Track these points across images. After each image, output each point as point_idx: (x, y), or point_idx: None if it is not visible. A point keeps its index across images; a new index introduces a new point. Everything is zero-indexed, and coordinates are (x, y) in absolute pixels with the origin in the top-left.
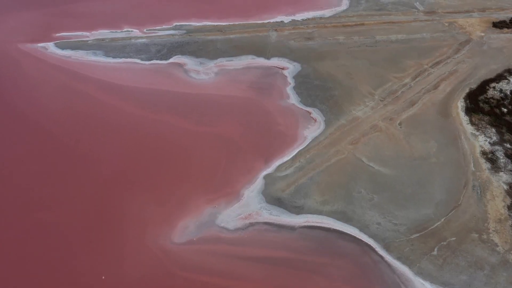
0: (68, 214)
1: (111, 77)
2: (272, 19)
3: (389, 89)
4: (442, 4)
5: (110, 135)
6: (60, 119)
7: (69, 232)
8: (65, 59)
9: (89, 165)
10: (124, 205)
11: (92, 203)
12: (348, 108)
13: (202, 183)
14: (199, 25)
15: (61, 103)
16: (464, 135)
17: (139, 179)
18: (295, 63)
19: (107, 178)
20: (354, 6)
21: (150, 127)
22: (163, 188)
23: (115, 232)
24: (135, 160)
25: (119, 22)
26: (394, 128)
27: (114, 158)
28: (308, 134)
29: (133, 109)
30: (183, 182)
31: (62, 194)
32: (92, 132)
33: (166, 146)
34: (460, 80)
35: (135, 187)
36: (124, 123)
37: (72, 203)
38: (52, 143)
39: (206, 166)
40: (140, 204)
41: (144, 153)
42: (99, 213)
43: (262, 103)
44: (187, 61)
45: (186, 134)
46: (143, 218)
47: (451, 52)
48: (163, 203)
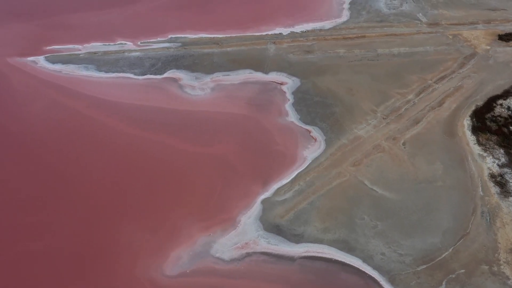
0: (56, 243)
1: (103, 93)
2: (271, 31)
3: (392, 106)
4: (446, 15)
5: (100, 156)
6: (48, 139)
7: (57, 263)
8: (55, 74)
9: (78, 189)
10: (115, 233)
11: (82, 231)
12: (349, 126)
13: (196, 208)
14: (195, 37)
15: (49, 122)
16: (471, 156)
17: (130, 204)
18: (294, 78)
19: (97, 203)
20: (355, 17)
21: (143, 147)
22: (156, 214)
23: (105, 262)
24: (126, 183)
25: (112, 34)
26: (398, 148)
27: (105, 181)
28: (308, 154)
29: (125, 127)
30: (177, 207)
31: (50, 221)
32: (81, 153)
33: (159, 167)
34: (465, 97)
35: (126, 212)
36: (116, 143)
37: (61, 231)
38: (39, 165)
39: (201, 190)
40: (131, 231)
41: (136, 175)
42: (89, 242)
43: (260, 121)
44: (182, 75)
45: (180, 154)
46: (134, 247)
47: (456, 66)
48: (155, 230)
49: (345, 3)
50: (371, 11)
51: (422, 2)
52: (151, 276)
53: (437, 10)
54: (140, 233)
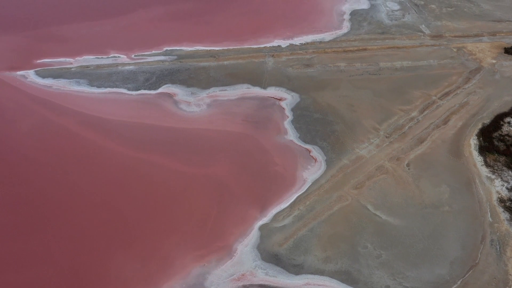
0: (42, 274)
1: (95, 110)
2: (269, 44)
3: (395, 123)
4: (450, 27)
5: (90, 178)
6: (36, 160)
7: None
8: (45, 90)
9: (66, 213)
10: (103, 262)
11: (69, 260)
12: (351, 145)
13: (190, 235)
14: (191, 50)
15: (38, 141)
16: (479, 179)
17: (121, 230)
18: (293, 94)
19: (85, 229)
20: (356, 29)
21: (135, 168)
22: (147, 241)
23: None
24: (117, 208)
25: (105, 47)
26: (402, 169)
27: (94, 206)
28: (308, 176)
29: (117, 147)
30: (170, 234)
31: (36, 249)
32: (70, 175)
33: (152, 190)
34: (471, 114)
35: (116, 239)
36: (107, 164)
37: (47, 260)
38: (26, 187)
39: (195, 215)
40: (120, 260)
41: (127, 199)
42: (76, 272)
43: (258, 139)
44: (178, 91)
45: (174, 176)
46: (123, 278)
47: (461, 81)
48: (146, 259)
49: (345, 14)
50: (373, 22)
51: (425, 13)
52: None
53: (440, 22)
54: (130, 263)
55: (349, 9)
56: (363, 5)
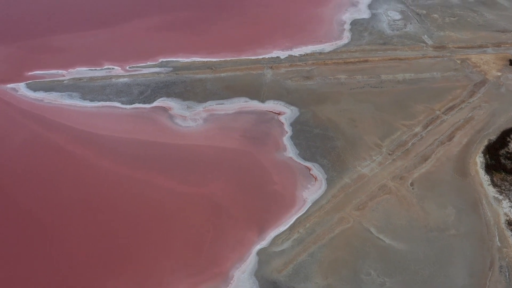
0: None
1: (87, 125)
2: (267, 55)
3: (397, 139)
4: (453, 37)
5: (80, 199)
6: (26, 179)
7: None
8: (36, 103)
9: (53, 236)
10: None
11: (55, 286)
12: (352, 163)
13: (184, 260)
14: (187, 61)
15: (28, 159)
16: (486, 200)
17: (112, 254)
18: (292, 107)
19: (74, 254)
20: (357, 39)
21: (127, 187)
22: (139, 267)
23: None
24: (108, 229)
25: (99, 58)
26: (406, 189)
27: (84, 228)
28: (308, 196)
29: (109, 165)
30: (163, 259)
31: (24, 276)
32: (61, 195)
33: (145, 211)
34: (477, 130)
35: (106, 265)
36: (98, 182)
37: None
38: (14, 209)
39: (190, 238)
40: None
41: (119, 220)
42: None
43: (256, 156)
44: (173, 104)
45: (168, 196)
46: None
47: (466, 95)
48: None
49: (346, 23)
50: (374, 32)
51: (427, 23)
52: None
53: (443, 32)
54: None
55: (349, 18)
56: (364, 14)
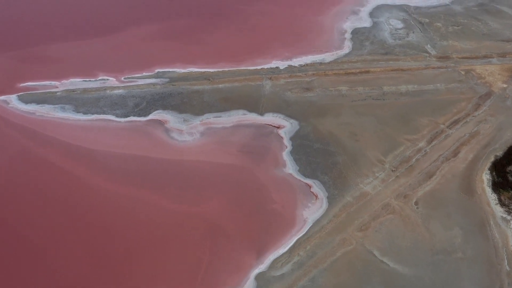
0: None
1: (80, 139)
2: (266, 65)
3: (401, 155)
4: (457, 47)
5: (71, 219)
6: (13, 197)
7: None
8: (28, 116)
9: (43, 259)
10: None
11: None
12: (354, 180)
13: (179, 286)
14: (184, 71)
15: (18, 176)
16: (494, 220)
17: (104, 277)
18: (292, 121)
19: (64, 277)
20: (358, 49)
21: (121, 206)
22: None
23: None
24: (100, 251)
25: (93, 69)
26: (410, 208)
27: (75, 249)
28: (309, 215)
29: (102, 181)
30: (156, 285)
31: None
32: (49, 214)
33: (138, 232)
34: (483, 145)
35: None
36: (90, 201)
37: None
38: (1, 229)
39: (185, 260)
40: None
41: (112, 241)
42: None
43: (255, 173)
44: (169, 117)
45: (163, 215)
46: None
47: (470, 108)
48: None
49: (347, 32)
50: (375, 41)
51: (430, 32)
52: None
53: (446, 41)
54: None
55: (350, 27)
56: (365, 23)
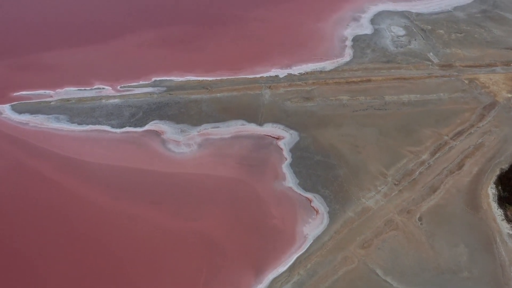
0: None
1: (74, 151)
2: (266, 73)
3: (404, 168)
4: (460, 55)
5: (64, 235)
6: (4, 212)
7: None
8: (21, 127)
9: (34, 277)
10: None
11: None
12: (356, 194)
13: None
14: (182, 80)
15: (9, 190)
16: (500, 237)
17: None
18: (292, 131)
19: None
20: (359, 57)
21: (115, 222)
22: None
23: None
24: (93, 270)
25: (89, 77)
26: (414, 225)
27: (67, 268)
28: (309, 231)
29: (96, 196)
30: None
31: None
32: (41, 230)
33: (132, 248)
34: (487, 158)
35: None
36: (84, 217)
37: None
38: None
39: (180, 281)
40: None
41: (106, 260)
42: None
43: (254, 186)
44: (166, 128)
45: (159, 233)
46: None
47: (475, 118)
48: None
49: (347, 40)
50: (377, 49)
51: (432, 39)
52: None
53: (449, 49)
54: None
55: (351, 34)
56: (366, 30)
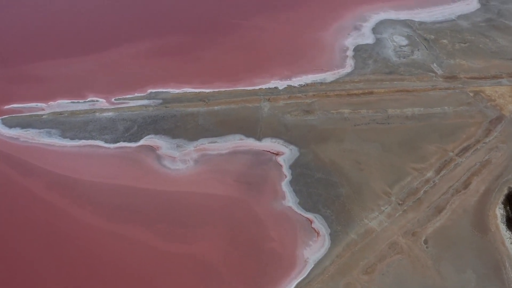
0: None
1: (66, 168)
2: (265, 85)
3: (408, 186)
4: (464, 66)
5: (53, 258)
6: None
7: None
8: (11, 142)
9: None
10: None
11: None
12: (358, 214)
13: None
14: (178, 92)
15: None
16: (509, 262)
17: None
18: (291, 147)
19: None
20: (360, 68)
21: (107, 245)
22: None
23: None
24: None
25: (83, 89)
26: (419, 248)
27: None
28: (310, 255)
29: (88, 216)
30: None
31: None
32: (29, 252)
33: (125, 275)
34: (495, 176)
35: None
36: (74, 239)
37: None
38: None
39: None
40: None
41: (92, 283)
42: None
43: (252, 206)
44: (161, 143)
45: (152, 256)
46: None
47: (481, 133)
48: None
49: (348, 50)
50: (379, 60)
51: (435, 49)
52: None
53: (453, 60)
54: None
55: (352, 44)
56: (367, 39)
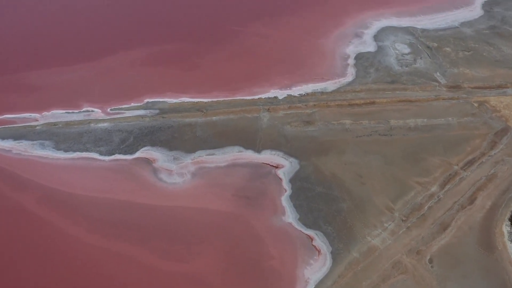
0: None
1: (59, 182)
2: (264, 94)
3: (412, 201)
4: (468, 75)
5: (45, 276)
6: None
7: None
8: (3, 155)
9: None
10: None
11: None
12: (361, 231)
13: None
14: (176, 102)
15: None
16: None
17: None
18: (291, 159)
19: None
20: (362, 76)
21: (102, 263)
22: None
23: None
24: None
25: (78, 99)
26: (424, 267)
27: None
28: (310, 275)
29: (82, 233)
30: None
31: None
32: (20, 270)
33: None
34: (501, 191)
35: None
36: (68, 257)
37: None
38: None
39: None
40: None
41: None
42: None
43: (251, 222)
44: (158, 155)
45: (147, 275)
46: None
47: (486, 146)
48: None
49: (350, 57)
50: (380, 68)
51: (439, 58)
52: None
53: (457, 69)
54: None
55: (353, 52)
56: (369, 47)
